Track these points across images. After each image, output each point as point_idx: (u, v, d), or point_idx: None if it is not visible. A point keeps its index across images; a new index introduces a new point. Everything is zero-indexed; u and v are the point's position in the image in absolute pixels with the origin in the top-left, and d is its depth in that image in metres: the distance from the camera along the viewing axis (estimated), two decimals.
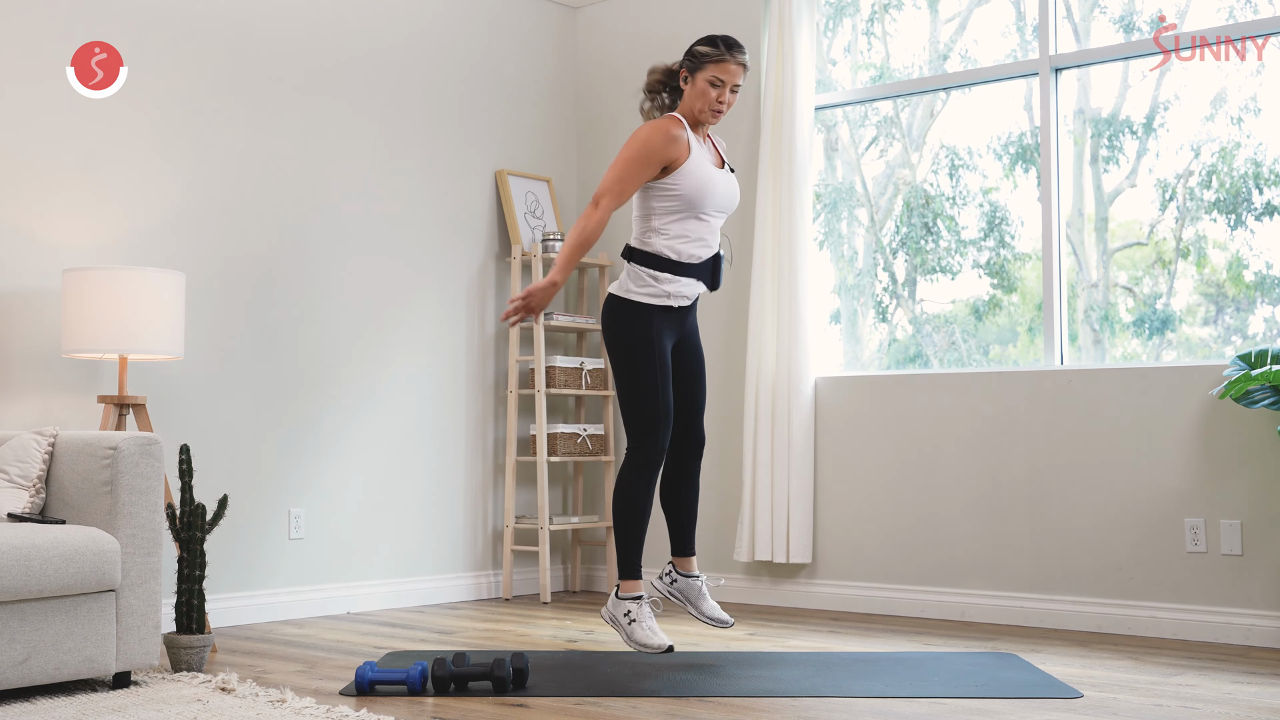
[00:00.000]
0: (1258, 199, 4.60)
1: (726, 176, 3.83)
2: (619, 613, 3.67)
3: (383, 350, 5.28)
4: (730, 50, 3.73)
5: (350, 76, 5.23)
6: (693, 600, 3.92)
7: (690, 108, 3.77)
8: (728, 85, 3.74)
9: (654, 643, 3.56)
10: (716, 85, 3.72)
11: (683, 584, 3.93)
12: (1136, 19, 4.84)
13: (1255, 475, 4.27)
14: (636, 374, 3.73)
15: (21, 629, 3.21)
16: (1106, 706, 3.22)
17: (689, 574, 3.94)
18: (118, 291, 3.99)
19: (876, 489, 5.09)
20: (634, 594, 3.68)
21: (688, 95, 3.77)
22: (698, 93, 3.73)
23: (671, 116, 3.76)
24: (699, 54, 3.75)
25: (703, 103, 3.73)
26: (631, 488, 3.72)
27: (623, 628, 3.62)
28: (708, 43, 3.76)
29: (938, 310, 5.34)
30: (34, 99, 4.31)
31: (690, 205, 3.71)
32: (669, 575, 3.96)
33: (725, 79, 3.73)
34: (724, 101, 3.75)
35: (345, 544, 5.12)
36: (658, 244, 3.72)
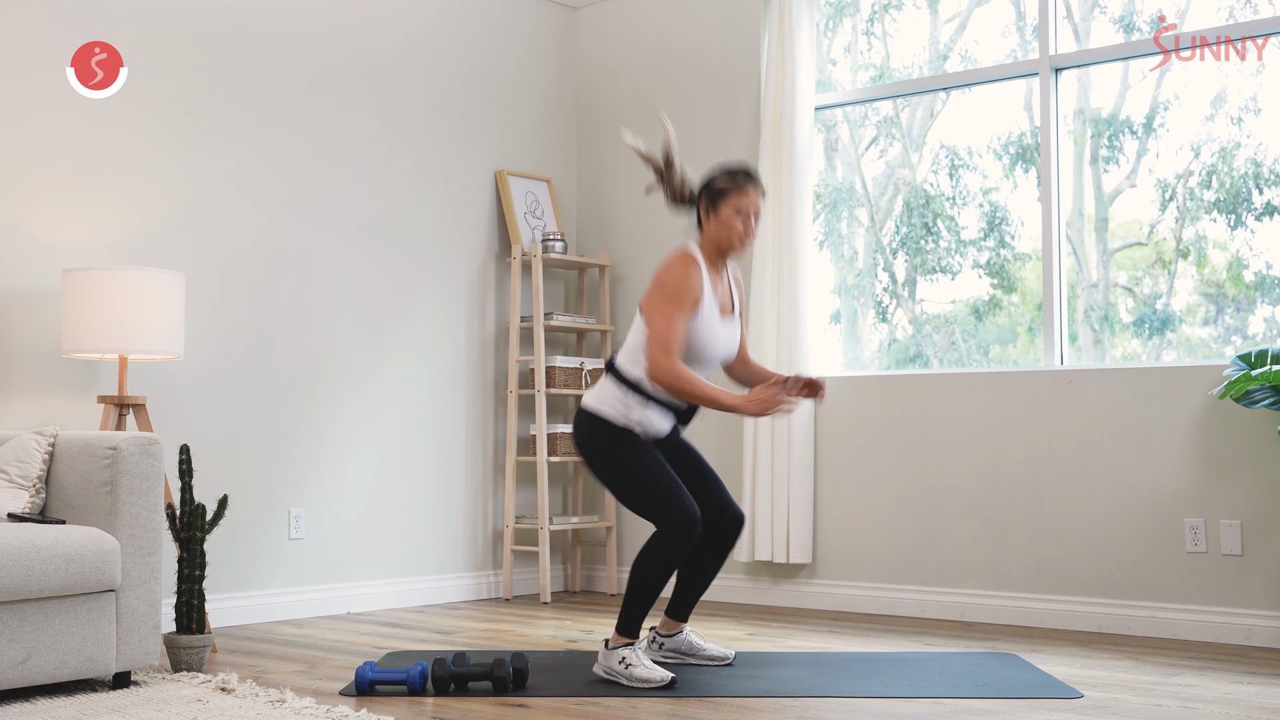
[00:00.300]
0: (1258, 199, 4.60)
1: (729, 330, 3.75)
2: (613, 663, 3.54)
3: (383, 350, 5.28)
4: (749, 179, 3.69)
5: (350, 76, 5.23)
6: (687, 652, 3.84)
7: (714, 240, 3.70)
8: (752, 213, 3.69)
9: (656, 677, 3.48)
10: (742, 215, 3.67)
11: (672, 643, 3.85)
12: (1136, 19, 4.84)
13: (1255, 475, 4.27)
14: (625, 466, 3.60)
15: (21, 629, 3.21)
16: (1106, 706, 3.22)
17: (674, 632, 3.87)
18: (118, 291, 3.99)
19: (876, 489, 5.09)
20: (625, 643, 3.58)
21: (711, 228, 3.69)
22: (723, 225, 3.66)
23: (690, 257, 3.66)
24: (718, 189, 3.68)
25: (729, 234, 3.67)
26: (661, 556, 3.54)
27: (620, 674, 3.52)
28: (724, 176, 3.69)
29: (938, 310, 5.34)
30: (34, 99, 4.31)
31: (687, 355, 3.64)
32: (655, 642, 3.86)
33: (749, 207, 3.68)
34: (750, 229, 3.69)
35: (345, 544, 5.12)
36: (641, 378, 3.63)
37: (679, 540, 3.51)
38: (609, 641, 3.57)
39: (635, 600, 3.54)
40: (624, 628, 3.55)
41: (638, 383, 3.63)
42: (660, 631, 3.88)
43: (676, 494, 3.53)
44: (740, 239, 3.69)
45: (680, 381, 3.52)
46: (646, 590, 3.52)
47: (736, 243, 3.69)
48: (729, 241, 3.68)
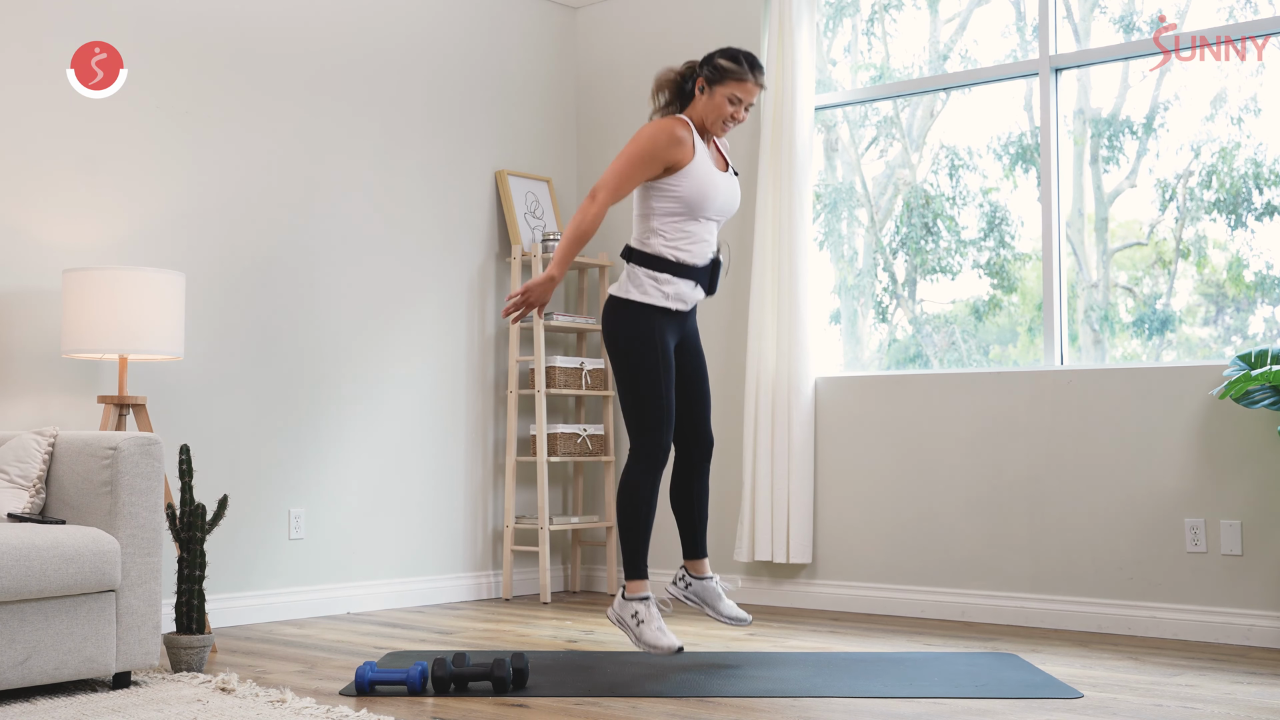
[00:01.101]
0: (1258, 199, 4.60)
1: (729, 180, 3.82)
2: (626, 614, 3.64)
3: (383, 350, 5.28)
4: (754, 69, 3.73)
5: (350, 76, 5.23)
6: (709, 602, 3.90)
7: (701, 116, 3.75)
8: (745, 103, 3.74)
9: (664, 644, 3.54)
10: (734, 102, 3.72)
11: (698, 587, 3.92)
12: (1136, 19, 4.84)
13: (1255, 475, 4.27)
14: (637, 373, 3.72)
15: (21, 629, 3.21)
16: (1106, 706, 3.22)
17: (702, 576, 3.92)
18: (118, 291, 3.99)
19: (876, 489, 5.09)
20: (640, 594, 3.65)
21: (701, 103, 3.74)
22: (715, 105, 3.71)
23: (678, 118, 3.74)
24: (722, 68, 3.71)
25: (716, 115, 3.72)
26: (636, 487, 3.69)
27: (631, 629, 3.60)
28: (731, 58, 3.72)
29: (938, 310, 5.34)
30: (34, 99, 4.31)
31: (691, 208, 3.70)
32: (683, 580, 3.94)
33: (744, 97, 3.73)
34: (738, 118, 3.75)
35: (345, 544, 5.12)
36: (657, 245, 3.72)
37: (649, 466, 3.66)
38: (625, 589, 3.63)
39: (629, 538, 3.67)
40: (630, 569, 3.64)
41: (656, 254, 3.72)
42: (690, 573, 3.94)
43: (663, 425, 3.68)
44: (724, 124, 3.76)
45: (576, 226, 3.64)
46: (634, 522, 3.65)
47: (720, 127, 3.77)
48: (714, 123, 3.77)
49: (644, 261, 3.73)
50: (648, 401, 3.70)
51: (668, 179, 3.70)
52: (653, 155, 3.65)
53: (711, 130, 3.77)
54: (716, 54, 3.76)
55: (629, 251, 3.79)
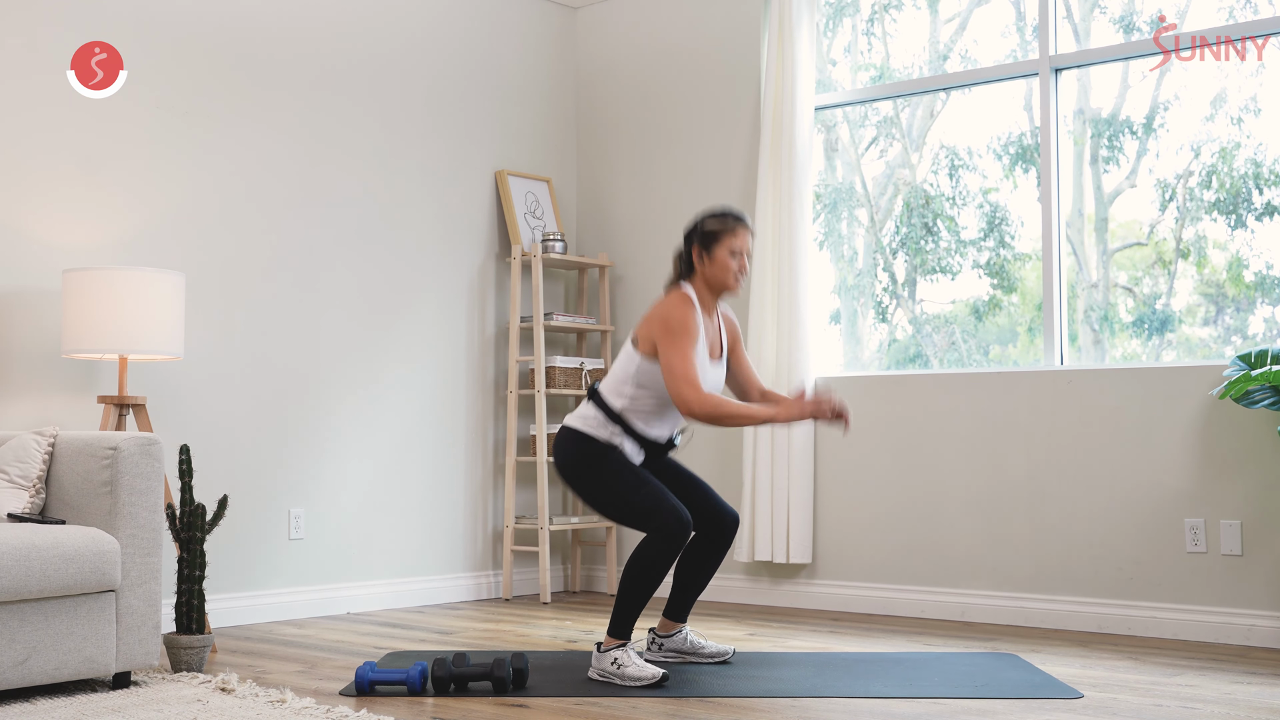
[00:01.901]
0: (1258, 199, 4.60)
1: (716, 372, 3.77)
2: (605, 664, 3.55)
3: (383, 350, 5.28)
4: (740, 221, 3.75)
5: (350, 76, 5.23)
6: (688, 651, 3.87)
7: (708, 282, 3.75)
8: (744, 253, 3.75)
9: (648, 674, 3.50)
10: (734, 255, 3.73)
11: (671, 643, 3.89)
12: (1136, 19, 4.84)
13: (1255, 475, 4.27)
14: (606, 476, 3.64)
15: (21, 629, 3.21)
16: (1106, 706, 3.22)
17: (672, 633, 3.90)
18: (118, 291, 3.99)
19: (876, 489, 5.09)
20: (617, 644, 3.58)
21: (705, 271, 3.74)
22: (719, 267, 3.72)
23: (689, 299, 3.69)
24: (711, 232, 3.73)
25: (725, 275, 3.73)
26: (652, 563, 3.55)
27: (613, 675, 3.53)
28: (715, 218, 3.75)
29: (938, 310, 5.34)
30: (34, 99, 4.31)
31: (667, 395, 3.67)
32: (655, 644, 3.90)
33: (741, 247, 3.74)
34: (744, 268, 3.76)
35: (345, 544, 5.12)
36: (624, 410, 3.67)
37: (671, 543, 3.52)
38: (601, 645, 3.58)
39: (627, 603, 3.56)
40: (616, 630, 3.56)
41: (620, 413, 3.67)
42: (659, 633, 3.90)
43: (664, 499, 3.55)
44: (736, 279, 3.76)
45: (718, 410, 3.56)
46: (639, 593, 3.54)
47: (733, 282, 3.76)
48: (724, 282, 3.75)
49: (606, 413, 3.68)
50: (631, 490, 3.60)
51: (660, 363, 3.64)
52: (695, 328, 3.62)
53: (725, 289, 3.76)
54: (699, 222, 3.77)
55: (594, 393, 3.72)
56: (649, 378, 3.65)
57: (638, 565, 3.55)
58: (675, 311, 3.64)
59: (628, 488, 3.59)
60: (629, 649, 3.56)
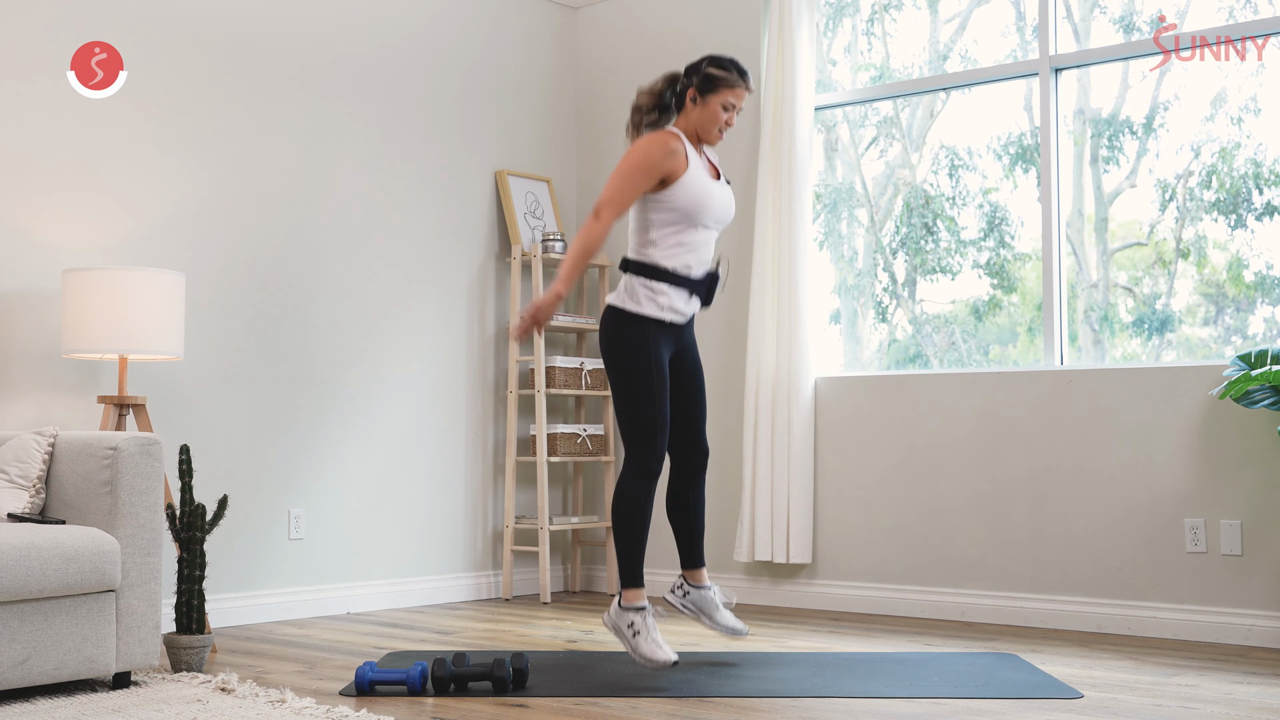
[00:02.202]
0: (1258, 199, 4.60)
1: (723, 189, 3.83)
2: (623, 624, 3.62)
3: (383, 350, 5.28)
4: (743, 75, 3.77)
5: (350, 76, 5.23)
6: (707, 612, 3.91)
7: (694, 126, 3.77)
8: (736, 108, 3.77)
9: (659, 657, 3.53)
10: (727, 108, 3.75)
11: (695, 596, 3.93)
12: (1136, 19, 4.84)
13: (1255, 475, 4.27)
14: (633, 383, 3.71)
15: (21, 629, 3.21)
16: (1106, 706, 3.22)
17: (700, 585, 3.93)
18: (118, 291, 3.99)
19: (876, 489, 5.09)
20: (637, 604, 3.63)
21: (694, 114, 3.76)
22: (709, 114, 3.74)
23: (669, 130, 3.75)
24: (713, 76, 3.73)
25: (712, 123, 3.75)
26: (631, 496, 3.69)
27: (626, 639, 3.59)
28: (719, 66, 3.75)
29: (938, 310, 5.34)
30: (34, 99, 4.31)
31: (688, 218, 3.71)
32: (681, 589, 3.94)
33: (736, 102, 3.76)
34: (730, 124, 3.79)
35: (345, 544, 5.12)
36: (654, 256, 3.72)
37: (641, 478, 3.67)
38: (621, 597, 3.63)
39: (625, 547, 3.67)
40: (626, 578, 3.65)
41: (654, 264, 3.72)
42: (689, 582, 3.96)
43: (657, 435, 3.69)
44: (721, 131, 3.79)
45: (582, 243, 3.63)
46: (629, 532, 3.67)
47: (716, 134, 3.80)
48: (709, 132, 3.79)
49: (640, 271, 3.73)
50: (642, 413, 3.70)
51: (663, 191, 3.70)
52: (649, 168, 3.65)
53: (707, 139, 3.80)
54: (703, 64, 3.77)
55: (626, 263, 3.78)
56: (658, 208, 3.71)
57: (619, 506, 3.69)
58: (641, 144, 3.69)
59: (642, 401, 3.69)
60: (650, 617, 3.60)
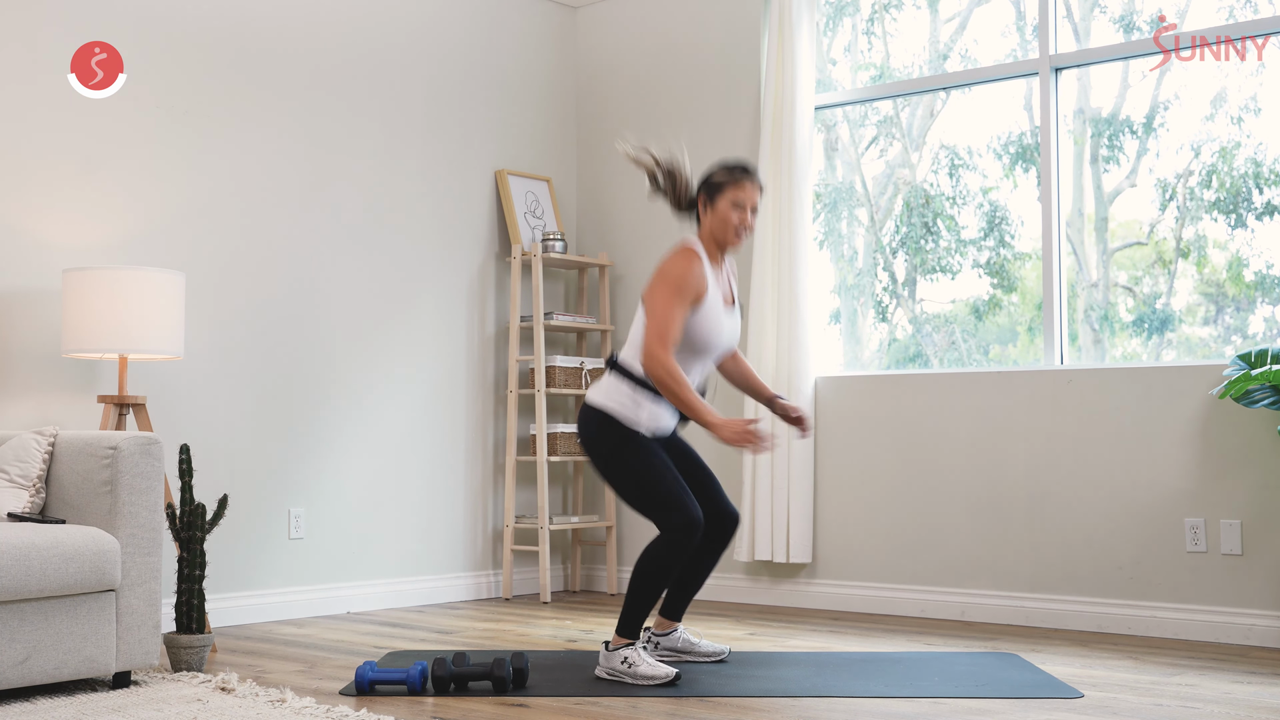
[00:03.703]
0: (1258, 199, 4.60)
1: (733, 318, 3.77)
2: (615, 662, 3.54)
3: (382, 350, 5.28)
4: (746, 173, 3.71)
5: (350, 76, 5.23)
6: (685, 650, 3.87)
7: (710, 234, 3.72)
8: (748, 207, 3.70)
9: (659, 673, 3.50)
10: (738, 208, 3.68)
11: (668, 642, 3.89)
12: (1136, 19, 4.84)
13: (1255, 475, 4.27)
14: (631, 467, 3.61)
15: (21, 629, 3.21)
16: (1107, 706, 3.22)
17: (668, 631, 3.90)
18: (118, 291, 3.99)
19: (876, 489, 5.09)
20: (625, 643, 3.58)
21: (708, 223, 3.71)
22: (720, 219, 3.68)
23: (692, 251, 3.66)
24: (716, 183, 3.70)
25: (725, 228, 3.68)
26: (664, 557, 3.54)
27: (624, 674, 3.52)
28: (722, 170, 3.72)
29: (938, 310, 5.34)
30: (34, 99, 4.31)
31: (694, 347, 3.65)
32: (651, 643, 3.88)
33: (745, 201, 3.69)
34: (746, 224, 3.70)
35: (345, 544, 5.12)
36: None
37: (683, 542, 3.52)
38: (609, 643, 3.58)
39: (637, 601, 3.55)
40: (625, 629, 3.56)
41: (645, 378, 3.63)
42: (655, 631, 3.90)
43: (682, 497, 3.55)
44: (736, 233, 3.71)
45: (671, 376, 3.53)
46: (649, 592, 3.53)
47: (732, 237, 3.71)
48: (724, 236, 3.71)
49: (630, 380, 3.64)
50: (654, 485, 3.58)
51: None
52: (690, 290, 3.59)
53: (725, 243, 3.71)
54: (707, 173, 3.74)
55: (617, 365, 3.69)
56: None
57: (649, 563, 3.54)
58: (677, 264, 3.62)
59: (650, 479, 3.58)
60: (638, 647, 3.56)
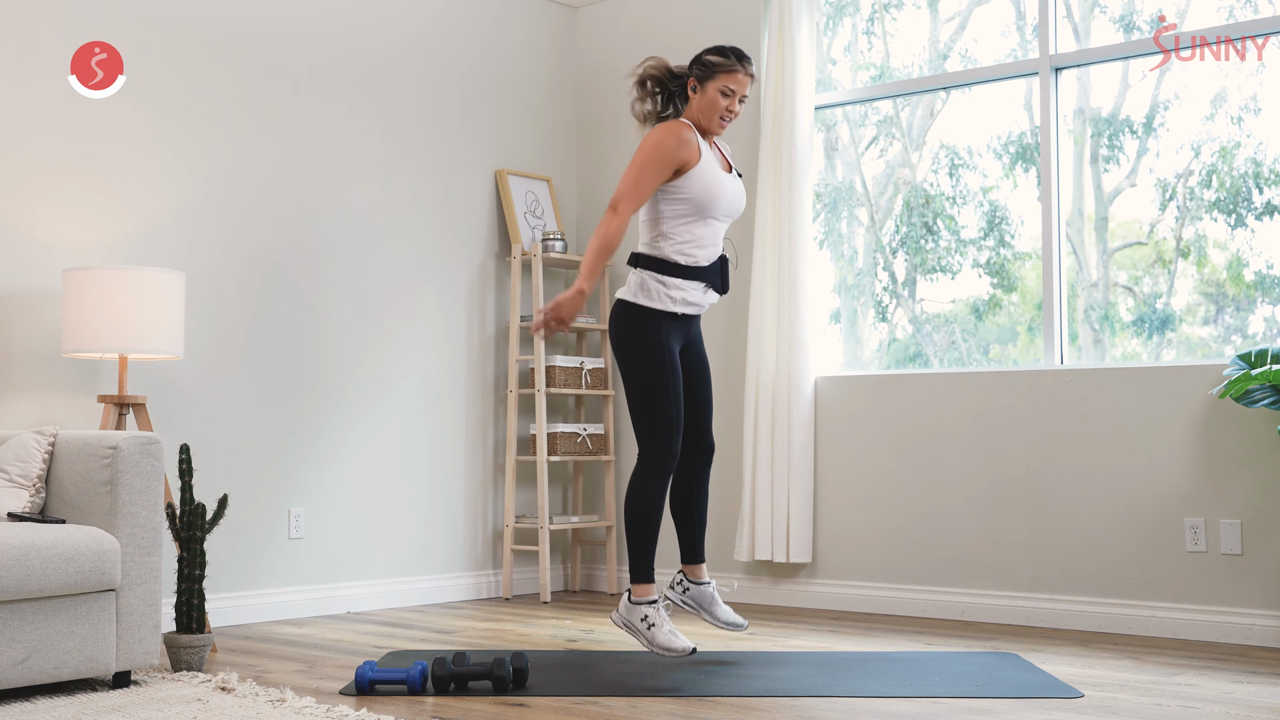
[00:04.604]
0: (1258, 198, 4.60)
1: (734, 180, 3.83)
2: (635, 618, 3.63)
3: (383, 349, 5.28)
4: (741, 60, 3.75)
5: (351, 76, 5.23)
6: (706, 607, 3.92)
7: (698, 116, 3.77)
8: (738, 95, 3.75)
9: (678, 646, 3.54)
10: (727, 95, 3.73)
11: (695, 592, 3.93)
12: (1136, 19, 4.84)
13: (1255, 475, 4.27)
14: (648, 379, 3.71)
15: (21, 629, 3.21)
16: (1107, 706, 3.22)
17: (700, 581, 3.94)
18: (118, 291, 3.99)
19: (876, 489, 5.09)
20: (648, 598, 3.64)
21: (696, 104, 3.76)
22: (708, 101, 3.73)
23: (681, 121, 3.75)
24: (710, 63, 3.73)
25: (712, 111, 3.73)
26: (644, 491, 3.69)
27: (641, 633, 3.58)
28: (718, 52, 3.75)
29: (938, 310, 5.34)
30: (34, 99, 4.31)
31: (700, 209, 3.71)
32: (680, 585, 3.95)
33: (735, 88, 3.74)
34: (733, 111, 3.76)
35: (345, 544, 5.12)
36: (666, 249, 3.72)
37: (656, 472, 3.68)
38: (631, 593, 3.63)
39: (635, 541, 3.68)
40: (637, 573, 3.66)
41: (665, 258, 3.72)
42: (689, 578, 3.96)
43: (671, 432, 3.69)
44: (721, 117, 3.77)
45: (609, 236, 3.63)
46: (642, 528, 3.67)
47: (717, 123, 3.78)
48: (710, 120, 3.77)
49: (653, 266, 3.73)
50: (657, 409, 3.70)
51: (676, 181, 3.70)
52: (664, 158, 3.65)
53: (711, 128, 3.78)
54: (702, 53, 3.79)
55: (636, 258, 3.78)
56: (670, 199, 3.70)
57: (632, 500, 3.69)
58: (654, 134, 3.69)
59: (656, 400, 3.70)
60: (662, 608, 3.61)
